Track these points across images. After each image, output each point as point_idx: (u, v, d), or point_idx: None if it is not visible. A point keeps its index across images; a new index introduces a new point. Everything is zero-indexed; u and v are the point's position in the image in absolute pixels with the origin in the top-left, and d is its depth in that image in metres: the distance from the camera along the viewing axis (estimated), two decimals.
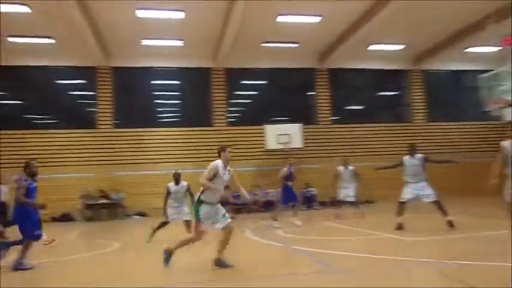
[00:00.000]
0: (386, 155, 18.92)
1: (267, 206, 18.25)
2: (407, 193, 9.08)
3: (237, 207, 18.07)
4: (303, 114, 20.87)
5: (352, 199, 12.51)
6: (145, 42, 17.63)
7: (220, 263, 6.00)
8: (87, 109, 19.36)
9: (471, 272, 5.10)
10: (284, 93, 21.18)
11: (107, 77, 19.12)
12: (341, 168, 12.55)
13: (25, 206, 6.72)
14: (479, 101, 14.34)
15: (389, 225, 9.17)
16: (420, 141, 20.87)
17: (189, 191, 9.49)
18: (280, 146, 18.41)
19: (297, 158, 19.54)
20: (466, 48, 19.81)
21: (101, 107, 19.03)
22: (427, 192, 8.90)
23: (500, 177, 6.17)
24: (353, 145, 20.08)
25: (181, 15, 15.15)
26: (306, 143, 19.02)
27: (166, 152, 18.96)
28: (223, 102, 20.11)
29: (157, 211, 17.40)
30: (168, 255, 6.20)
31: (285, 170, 11.61)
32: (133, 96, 19.88)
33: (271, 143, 18.53)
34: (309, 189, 18.86)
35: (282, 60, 20.17)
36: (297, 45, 18.73)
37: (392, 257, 6.33)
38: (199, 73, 20.08)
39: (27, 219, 6.70)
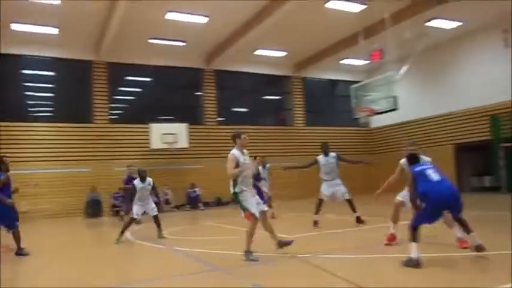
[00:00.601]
0: (268, 157, 19.75)
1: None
2: (326, 190, 9.66)
3: (116, 208, 17.17)
4: (189, 114, 20.75)
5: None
6: (15, 26, 15.76)
7: (281, 244, 6.30)
8: None
9: (334, 264, 5.58)
10: (170, 92, 20.81)
11: None
12: (260, 167, 12.59)
13: None
14: (350, 108, 15.77)
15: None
16: (299, 143, 22.35)
17: (154, 187, 9.62)
18: (165, 146, 18.05)
19: (182, 158, 19.47)
20: (341, 60, 21.68)
21: None
22: (341, 190, 9.65)
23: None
24: None
25: (56, 0, 13.89)
26: (191, 143, 18.94)
27: (39, 150, 17.19)
28: (105, 98, 18.95)
29: (25, 216, 15.82)
30: (249, 253, 6.07)
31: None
32: None
33: (156, 143, 18.05)
34: (194, 189, 18.80)
35: (170, 58, 19.77)
36: (184, 44, 18.54)
37: (270, 254, 6.60)
38: (79, 65, 18.62)
39: None
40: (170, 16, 15.65)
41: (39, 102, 18.79)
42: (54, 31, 16.44)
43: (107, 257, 7.63)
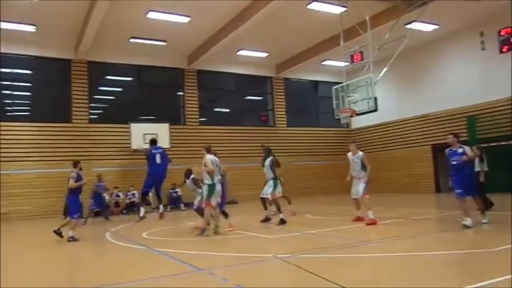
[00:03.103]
0: (250, 157, 19.83)
1: (130, 208, 17.60)
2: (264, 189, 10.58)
3: (94, 209, 16.88)
4: (170, 114, 20.61)
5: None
6: None
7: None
8: None
9: (316, 264, 5.64)
10: (151, 92, 20.64)
11: None
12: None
13: None
14: (332, 109, 15.91)
15: (253, 224, 9.60)
16: (281, 144, 22.46)
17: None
18: (146, 146, 17.86)
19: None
20: (323, 61, 21.86)
21: None
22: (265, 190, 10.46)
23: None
24: (219, 146, 20.47)
25: None
26: (172, 143, 18.82)
27: (14, 150, 16.82)
28: (85, 97, 18.64)
29: (3, 217, 15.48)
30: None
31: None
32: None
33: (137, 143, 17.88)
34: (176, 190, 18.66)
35: (151, 58, 19.60)
36: (165, 43, 18.40)
37: (253, 254, 6.63)
38: (57, 64, 18.27)
39: None
40: (151, 15, 15.52)
41: (16, 101, 18.37)
42: (32, 29, 16.07)
43: (87, 258, 7.53)
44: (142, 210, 11.67)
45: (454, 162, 8.21)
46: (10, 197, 16.04)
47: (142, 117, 19.58)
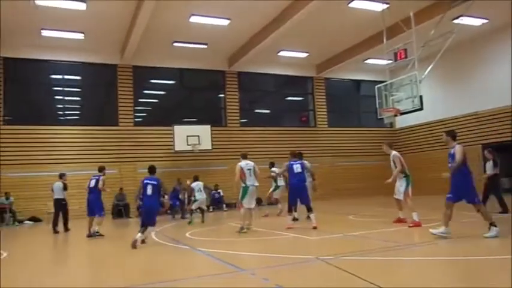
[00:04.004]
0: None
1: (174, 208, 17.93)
2: None
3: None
4: (211, 115, 20.93)
5: None
6: (45, 33, 16.26)
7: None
8: None
9: (356, 266, 5.52)
10: (193, 94, 21.05)
11: None
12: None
13: None
14: (375, 108, 15.58)
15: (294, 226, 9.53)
16: (322, 144, 22.24)
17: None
18: (189, 148, 18.24)
19: (205, 160, 19.61)
20: (365, 60, 21.43)
21: None
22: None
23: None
24: (260, 147, 20.57)
25: (82, 6, 14.23)
26: (214, 144, 19.08)
27: (66, 152, 17.68)
28: (130, 101, 19.32)
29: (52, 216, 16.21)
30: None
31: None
32: (28, 91, 18.23)
33: (180, 144, 18.26)
34: (218, 190, 18.91)
35: (192, 61, 19.99)
36: (206, 46, 18.69)
37: (294, 255, 6.59)
38: (105, 69, 19.05)
39: None
40: (193, 19, 15.83)
41: (67, 105, 19.30)
42: (80, 36, 16.87)
43: (131, 257, 7.76)
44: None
45: (449, 165, 7.38)
46: None
47: (184, 120, 20.02)
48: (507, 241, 6.65)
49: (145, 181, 8.66)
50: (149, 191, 8.53)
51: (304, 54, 20.81)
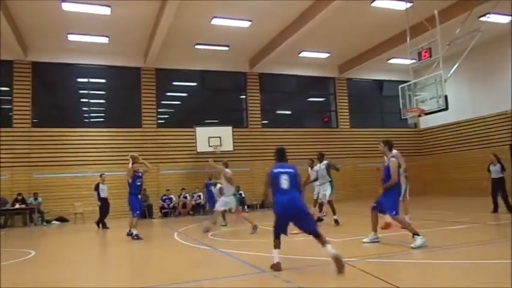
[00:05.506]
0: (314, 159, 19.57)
1: (196, 209, 18.13)
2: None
3: (165, 210, 17.78)
4: (233, 117, 21.02)
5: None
6: (71, 37, 16.69)
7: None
8: (1, 106, 17.68)
9: (380, 268, 5.43)
10: (215, 96, 21.18)
11: (24, 72, 17.76)
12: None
13: None
14: (398, 109, 15.32)
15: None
16: (345, 145, 22.02)
17: None
18: (210, 149, 18.35)
19: (227, 161, 19.66)
20: (388, 59, 21.13)
21: (17, 104, 17.62)
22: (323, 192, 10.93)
23: None
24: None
25: (106, 10, 14.53)
26: (236, 146, 19.14)
27: (91, 154, 18.07)
28: (153, 103, 19.59)
29: (79, 216, 16.60)
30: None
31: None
32: (55, 94, 18.75)
33: (202, 146, 18.40)
34: (240, 192, 18.93)
35: (214, 63, 20.11)
36: (227, 48, 18.78)
37: (316, 257, 6.53)
38: (128, 72, 19.37)
39: None
40: (215, 21, 15.93)
41: (92, 108, 19.70)
42: (105, 40, 17.22)
43: (153, 257, 7.85)
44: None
45: (383, 178, 7.17)
46: (84, 198, 17.09)
47: (206, 121, 20.16)
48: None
49: (275, 170, 5.98)
50: (284, 183, 5.80)
51: (325, 55, 20.68)
